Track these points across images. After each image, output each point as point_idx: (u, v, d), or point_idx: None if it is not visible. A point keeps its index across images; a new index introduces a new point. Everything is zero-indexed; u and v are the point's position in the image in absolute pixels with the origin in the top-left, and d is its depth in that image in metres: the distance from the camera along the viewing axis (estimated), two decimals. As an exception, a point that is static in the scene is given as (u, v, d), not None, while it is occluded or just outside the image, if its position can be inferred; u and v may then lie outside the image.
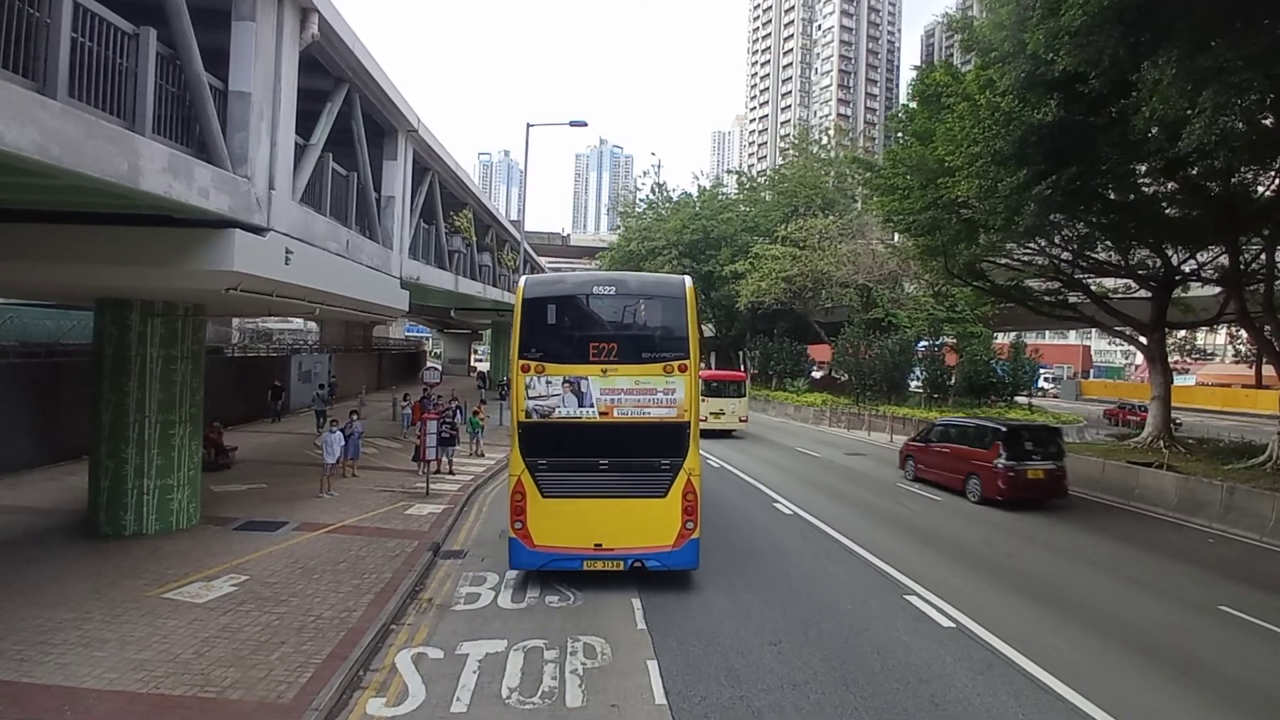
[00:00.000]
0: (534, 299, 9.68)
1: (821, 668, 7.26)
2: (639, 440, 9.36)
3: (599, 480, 9.37)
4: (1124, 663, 7.58)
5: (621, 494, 9.40)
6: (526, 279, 10.04)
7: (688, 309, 9.61)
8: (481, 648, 7.63)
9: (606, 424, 9.31)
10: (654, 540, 9.40)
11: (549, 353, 9.40)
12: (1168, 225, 18.05)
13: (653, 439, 9.36)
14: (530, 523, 9.35)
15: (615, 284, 10.14)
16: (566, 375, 9.30)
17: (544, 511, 9.33)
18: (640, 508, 9.39)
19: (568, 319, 9.82)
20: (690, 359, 9.42)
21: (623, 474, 9.39)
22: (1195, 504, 14.67)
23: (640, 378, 9.35)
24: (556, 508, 9.32)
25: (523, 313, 9.50)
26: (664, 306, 9.78)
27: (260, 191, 8.83)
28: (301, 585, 9.18)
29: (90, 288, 10.09)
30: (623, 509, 9.40)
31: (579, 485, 9.37)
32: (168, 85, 7.29)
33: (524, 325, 9.47)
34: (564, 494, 9.34)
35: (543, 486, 9.34)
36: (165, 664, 6.85)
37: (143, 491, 11.00)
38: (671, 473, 9.38)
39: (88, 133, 5.75)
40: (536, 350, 9.38)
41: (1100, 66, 11.02)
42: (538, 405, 9.32)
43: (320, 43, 10.20)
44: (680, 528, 9.39)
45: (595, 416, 9.30)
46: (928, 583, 9.98)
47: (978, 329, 34.42)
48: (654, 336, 9.62)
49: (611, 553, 9.38)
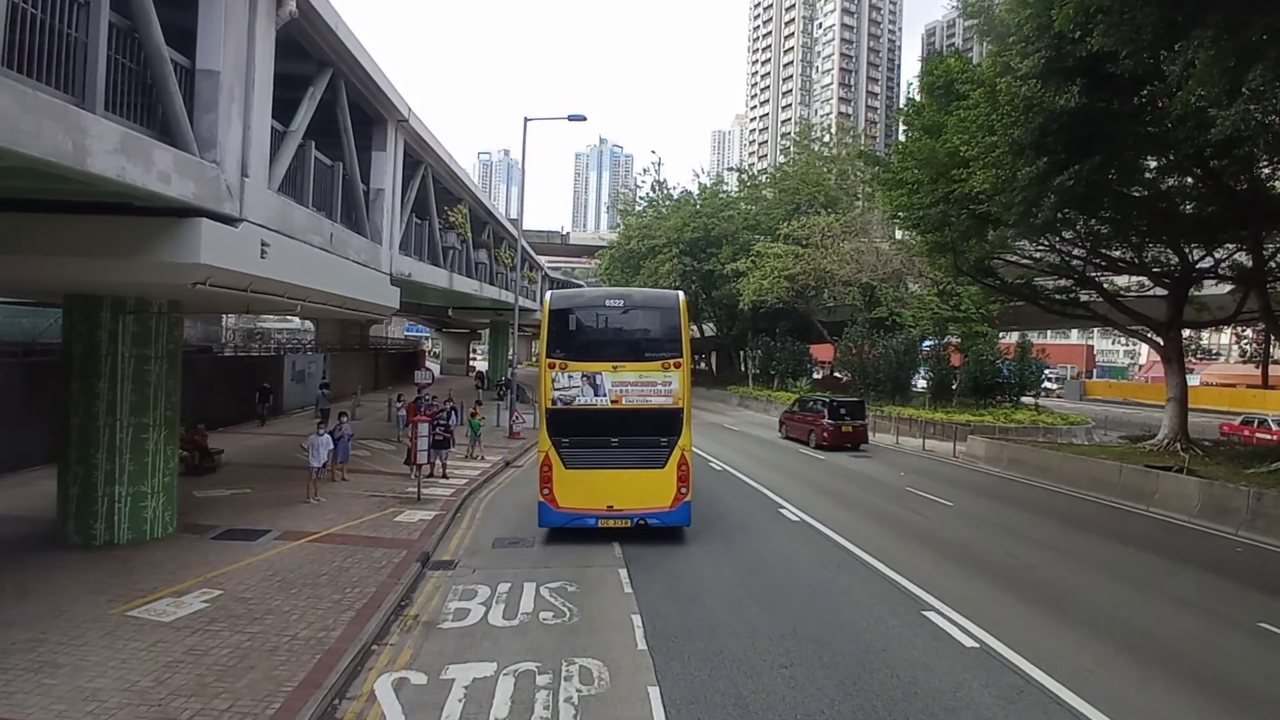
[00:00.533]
0: (558, 310, 12.00)
1: (837, 694, 6.66)
2: (642, 422, 11.54)
3: (610, 454, 11.58)
4: (1169, 691, 6.96)
5: (628, 465, 11.58)
6: (551, 294, 12.57)
7: (680, 317, 11.90)
8: (469, 671, 7.03)
9: (617, 409, 11.51)
10: (654, 502, 11.59)
11: (570, 352, 11.63)
12: (1187, 221, 17.44)
13: (653, 421, 11.54)
14: (555, 489, 11.52)
15: (623, 297, 12.75)
16: (584, 370, 11.50)
17: (566, 480, 11.48)
18: (643, 476, 11.56)
19: (585, 325, 12.20)
20: (683, 357, 11.70)
21: (629, 449, 11.59)
22: (1219, 510, 14.07)
23: (643, 372, 11.61)
24: (576, 477, 11.48)
25: (549, 321, 11.70)
26: (661, 316, 12.11)
27: (231, 179, 8.21)
28: (278, 601, 8.58)
29: (54, 282, 9.50)
30: (629, 477, 11.56)
31: (594, 458, 11.54)
32: (124, 59, 6.67)
33: (550, 331, 11.65)
34: (582, 465, 11.49)
35: (565, 459, 11.52)
36: (120, 693, 6.25)
37: (114, 499, 10.40)
38: (669, 448, 11.60)
39: (22, 106, 5.14)
40: (560, 351, 11.60)
41: (1139, 44, 10.33)
42: (561, 395, 11.50)
43: (300, 22, 9.61)
44: (675, 492, 11.61)
45: (607, 404, 11.51)
46: (946, 597, 9.38)
47: (983, 328, 33.83)
48: (654, 339, 11.90)
49: (620, 512, 11.53)
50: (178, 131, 7.35)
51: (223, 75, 7.97)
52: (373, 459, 19.31)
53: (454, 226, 22.18)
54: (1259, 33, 9.33)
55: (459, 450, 19.33)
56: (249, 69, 8.58)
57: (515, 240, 29.65)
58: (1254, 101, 9.82)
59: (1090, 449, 22.18)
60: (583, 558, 10.99)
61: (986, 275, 22.79)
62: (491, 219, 29.63)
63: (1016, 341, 37.03)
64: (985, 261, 21.34)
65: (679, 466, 11.60)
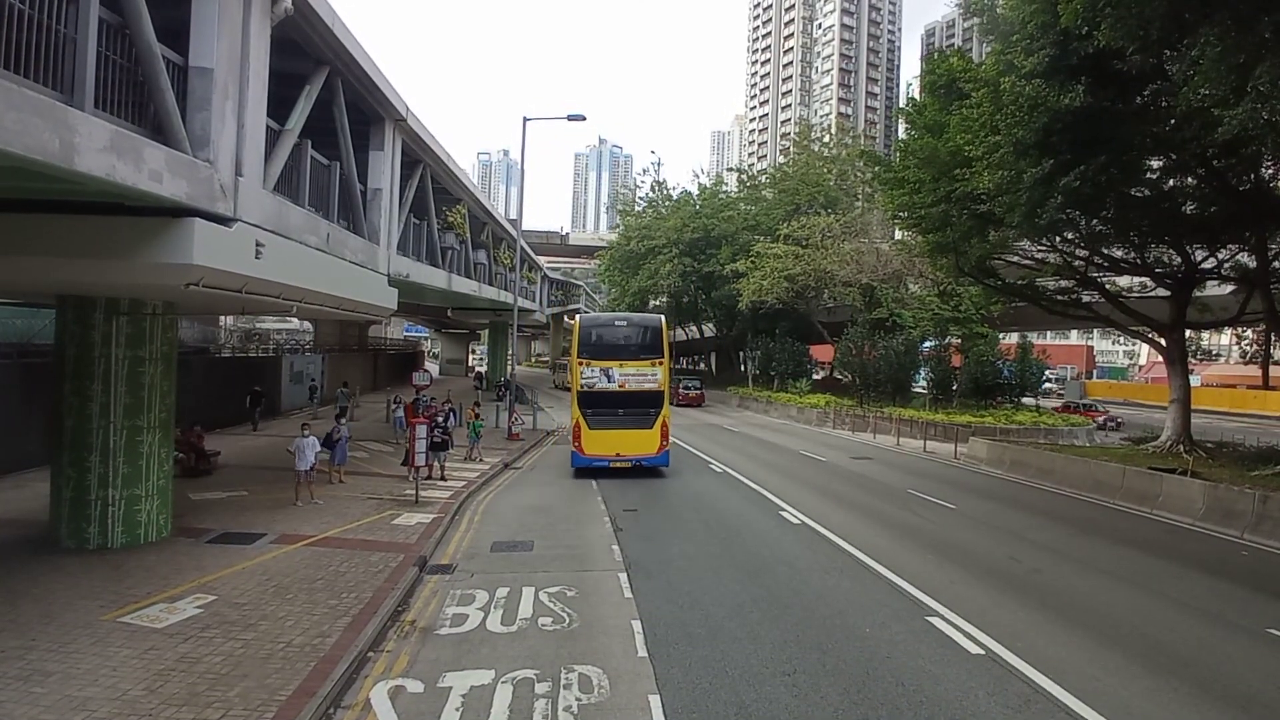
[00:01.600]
0: (585, 326, 19.05)
1: (841, 703, 6.53)
2: (638, 399, 17.84)
3: (617, 419, 17.89)
4: (1179, 700, 6.82)
5: (629, 427, 17.86)
6: (580, 316, 20.86)
7: (663, 332, 18.75)
8: (466, 679, 6.89)
9: (622, 391, 17.87)
10: (646, 450, 17.92)
11: (592, 354, 18.14)
12: (1190, 221, 17.30)
13: (645, 398, 17.88)
14: (583, 442, 17.90)
15: (625, 319, 20.99)
16: (601, 366, 17.95)
17: (589, 436, 17.88)
18: (639, 434, 17.85)
19: (602, 337, 18.73)
20: (664, 358, 18.40)
21: (629, 416, 17.87)
22: (1224, 513, 13.94)
23: (638, 367, 18.05)
24: (596, 435, 17.84)
25: (579, 334, 18.55)
26: (650, 331, 18.81)
27: (225, 178, 8.08)
28: (273, 606, 8.45)
29: (46, 283, 9.37)
30: (630, 434, 17.86)
31: (607, 422, 17.86)
32: (114, 56, 6.53)
33: (580, 340, 18.38)
34: (599, 427, 17.84)
35: (589, 423, 17.88)
36: (110, 702, 6.11)
37: (107, 502, 10.26)
38: (655, 415, 17.98)
39: (8, 102, 5.00)
40: (586, 353, 18.15)
41: (1146, 40, 10.18)
42: (586, 381, 17.92)
43: (296, 19, 9.48)
44: (660, 444, 18.02)
45: (616, 387, 17.87)
46: (950, 602, 9.24)
47: (984, 329, 33.70)
48: (645, 345, 18.43)
49: (624, 457, 17.84)
50: (170, 130, 7.21)
51: (216, 73, 7.83)
52: (370, 461, 19.19)
53: (452, 227, 22.07)
54: (1267, 29, 9.20)
55: (458, 452, 19.21)
56: (243, 66, 8.44)
57: (514, 241, 29.51)
58: (1260, 100, 9.68)
59: (1093, 451, 22.06)
60: (582, 562, 10.88)
61: (988, 275, 22.67)
62: (490, 219, 29.49)
63: (1017, 342, 36.93)
64: (986, 262, 21.21)
65: (662, 427, 18.01)
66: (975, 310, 32.65)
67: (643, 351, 18.16)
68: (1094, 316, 24.10)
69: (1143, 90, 11.75)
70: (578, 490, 16.66)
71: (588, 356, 17.96)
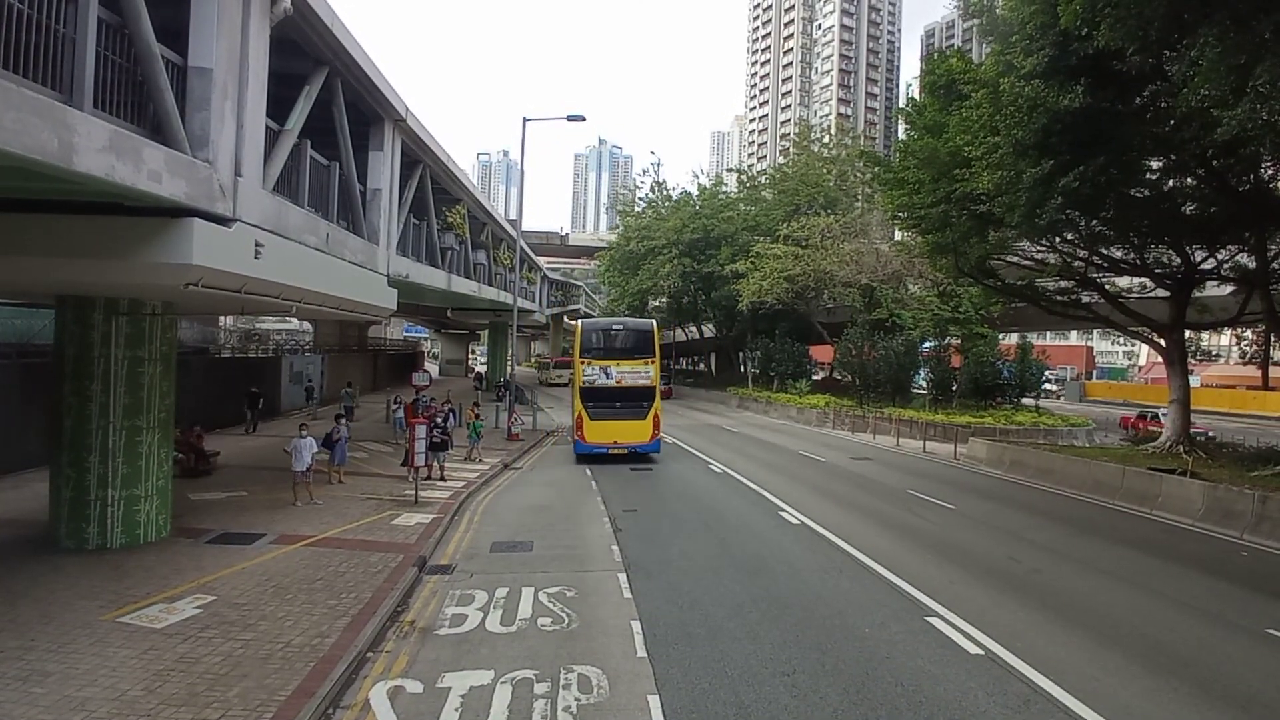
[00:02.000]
0: (586, 330, 21.88)
1: (841, 703, 6.53)
2: (633, 393, 20.43)
3: (615, 411, 20.32)
4: (1178, 700, 6.82)
5: (625, 418, 20.26)
6: (581, 321, 24.32)
7: (654, 334, 21.55)
8: (466, 680, 6.89)
9: (618, 386, 20.40)
10: (640, 439, 20.33)
11: (593, 354, 20.83)
12: (1190, 221, 17.29)
13: (638, 393, 20.47)
14: (585, 432, 20.32)
15: (623, 323, 23.05)
16: (600, 365, 20.51)
17: (590, 426, 20.25)
18: (634, 423, 20.26)
19: (601, 338, 21.47)
20: (655, 357, 20.98)
21: (626, 409, 20.36)
22: (1224, 514, 13.94)
23: (632, 365, 20.61)
24: (596, 424, 20.22)
25: (581, 336, 21.47)
26: (642, 334, 21.61)
27: (225, 178, 8.08)
28: (273, 607, 8.45)
29: (45, 283, 9.37)
30: (626, 424, 20.23)
31: (606, 414, 20.26)
32: (113, 56, 6.54)
33: (581, 341, 21.23)
34: (599, 418, 20.23)
35: (590, 414, 20.28)
36: (109, 703, 6.11)
37: (107, 502, 10.25)
38: (648, 408, 20.45)
39: (6, 102, 5.00)
40: (587, 353, 20.80)
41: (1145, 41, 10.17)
42: (588, 377, 20.43)
43: (295, 19, 9.47)
44: (652, 432, 20.48)
45: (613, 383, 20.40)
46: (949, 602, 9.24)
47: (983, 330, 33.69)
48: (639, 346, 21.14)
49: (621, 445, 20.23)
50: (169, 130, 7.21)
51: (215, 73, 7.83)
52: (370, 461, 19.19)
53: (452, 227, 22.07)
54: (1267, 30, 9.20)
55: (457, 452, 19.22)
56: (243, 67, 8.44)
57: (514, 241, 29.51)
58: (1260, 101, 9.68)
59: (1092, 451, 22.06)
60: (582, 562, 10.88)
61: (988, 276, 22.66)
62: (490, 219, 29.49)
63: (1017, 343, 36.91)
64: (986, 262, 21.21)
65: (654, 418, 20.51)
66: (975, 311, 32.63)
67: (636, 351, 20.94)
68: (1094, 317, 24.09)
69: (1142, 91, 11.74)
70: (577, 490, 16.66)
71: (589, 356, 20.64)
